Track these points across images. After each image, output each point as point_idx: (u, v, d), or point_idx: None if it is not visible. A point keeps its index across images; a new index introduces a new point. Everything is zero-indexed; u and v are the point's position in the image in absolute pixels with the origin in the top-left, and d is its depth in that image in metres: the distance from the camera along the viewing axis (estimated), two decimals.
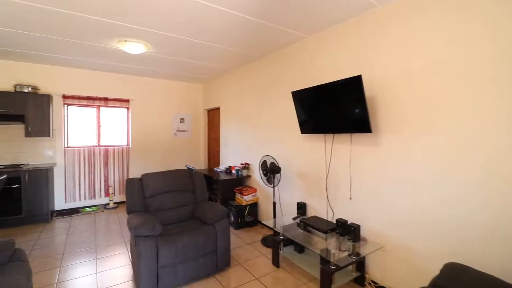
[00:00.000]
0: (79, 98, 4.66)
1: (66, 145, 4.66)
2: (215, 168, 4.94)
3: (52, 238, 3.54)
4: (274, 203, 3.31)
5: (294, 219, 2.98)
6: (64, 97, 4.54)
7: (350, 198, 2.62)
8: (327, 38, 2.86)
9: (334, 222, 2.58)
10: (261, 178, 3.37)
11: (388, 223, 2.30)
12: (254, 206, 4.00)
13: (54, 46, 3.42)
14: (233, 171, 4.45)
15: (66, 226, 3.97)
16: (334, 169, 2.81)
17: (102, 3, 2.30)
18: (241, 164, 4.36)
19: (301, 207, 3.13)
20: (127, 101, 5.14)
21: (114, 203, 5.01)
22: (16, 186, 3.81)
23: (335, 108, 2.56)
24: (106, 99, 4.90)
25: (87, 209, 4.73)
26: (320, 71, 2.95)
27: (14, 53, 3.72)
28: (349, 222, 2.47)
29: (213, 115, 5.81)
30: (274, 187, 3.28)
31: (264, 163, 3.30)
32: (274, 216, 3.32)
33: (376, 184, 2.39)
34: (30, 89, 4.09)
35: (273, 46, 3.43)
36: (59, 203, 4.62)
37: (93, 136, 4.94)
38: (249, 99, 4.29)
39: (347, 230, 2.42)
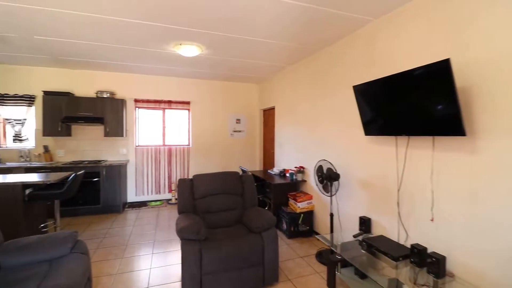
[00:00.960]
0: (148, 101, 5.11)
1: (137, 144, 5.17)
2: (268, 171, 4.75)
3: (120, 228, 3.90)
4: (332, 215, 2.91)
5: (355, 236, 2.53)
6: (136, 101, 5.04)
7: (432, 220, 2.05)
8: (400, 19, 2.32)
9: (408, 247, 2.06)
10: (316, 185, 3.00)
11: (490, 258, 1.68)
12: (309, 214, 3.64)
13: (124, 54, 3.77)
14: (287, 175, 4.17)
15: (134, 218, 4.35)
16: (408, 180, 2.26)
17: (157, 8, 2.35)
18: (296, 167, 4.05)
19: (365, 223, 2.65)
20: (188, 103, 5.41)
21: (176, 199, 5.32)
22: (96, 179, 4.37)
23: (412, 104, 2.03)
24: (170, 101, 5.25)
25: (153, 203, 5.14)
26: (390, 60, 2.42)
27: (96, 63, 4.27)
28: (429, 251, 1.92)
29: (268, 115, 5.64)
30: (331, 196, 2.88)
31: (319, 169, 2.93)
32: (331, 230, 2.91)
33: (473, 204, 1.78)
34: (108, 94, 4.66)
35: (331, 36, 3.02)
36: (131, 196, 5.15)
37: (159, 136, 5.36)
38: (304, 96, 3.95)
39: (427, 261, 1.88)
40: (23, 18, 2.57)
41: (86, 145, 4.80)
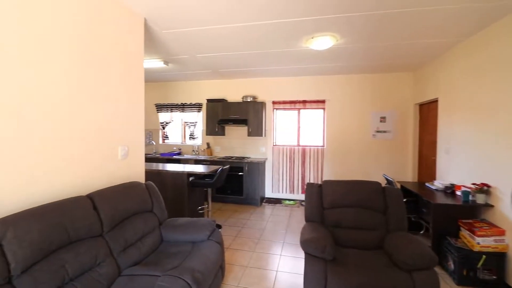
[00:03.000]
0: (284, 102, 5.27)
1: (274, 144, 5.45)
2: (426, 184, 3.62)
3: (257, 221, 4.18)
4: None
5: None
6: (273, 102, 5.32)
7: None
8: None
9: None
10: None
11: None
12: (497, 257, 2.41)
13: (261, 59, 4.00)
14: (458, 193, 2.99)
15: (269, 213, 4.57)
16: None
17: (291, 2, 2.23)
18: (475, 184, 2.80)
19: None
20: (323, 101, 5.11)
21: None
22: (240, 173, 4.96)
23: None
24: (304, 101, 5.16)
25: (287, 202, 5.24)
26: None
27: (241, 72, 4.83)
28: None
29: (427, 110, 4.35)
30: None
31: None
32: None
33: None
34: (251, 98, 5.19)
35: None
36: (268, 192, 5.50)
37: (293, 136, 5.41)
38: (492, 79, 2.65)
39: None
40: (188, 40, 3.19)
41: (235, 143, 5.57)
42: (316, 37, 2.96)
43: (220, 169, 3.55)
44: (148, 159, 5.37)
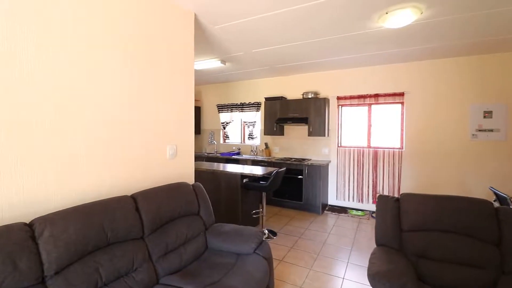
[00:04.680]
0: (351, 98, 4.61)
1: (339, 145, 4.85)
2: None
3: (317, 232, 3.73)
4: None
5: None
6: (338, 98, 4.72)
7: None
8: None
9: None
10: None
11: None
12: None
13: (324, 49, 3.52)
14: None
15: (331, 224, 4.05)
16: None
17: None
18: None
19: None
20: (401, 94, 4.25)
21: None
22: (299, 177, 4.56)
23: None
24: (376, 95, 4.40)
25: (354, 212, 4.58)
26: None
27: (301, 66, 4.43)
28: None
29: None
30: None
31: None
32: None
33: None
34: (312, 95, 4.72)
35: None
36: (331, 199, 4.92)
37: (363, 136, 4.70)
38: None
39: None
40: (242, 34, 3.00)
41: (294, 143, 5.20)
42: (392, 11, 2.34)
43: (274, 171, 3.26)
44: (209, 158, 5.51)
